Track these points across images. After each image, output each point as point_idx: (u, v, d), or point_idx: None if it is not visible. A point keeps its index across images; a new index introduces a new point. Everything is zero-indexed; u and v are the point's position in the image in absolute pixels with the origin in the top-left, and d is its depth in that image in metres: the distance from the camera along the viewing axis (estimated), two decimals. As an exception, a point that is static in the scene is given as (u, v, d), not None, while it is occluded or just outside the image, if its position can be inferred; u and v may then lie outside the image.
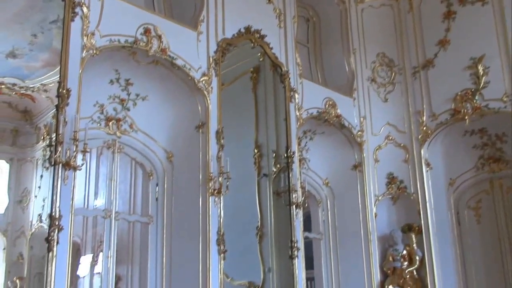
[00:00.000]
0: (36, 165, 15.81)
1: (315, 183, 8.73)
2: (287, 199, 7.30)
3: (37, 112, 15.54)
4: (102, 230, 6.49)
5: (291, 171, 7.37)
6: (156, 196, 6.64)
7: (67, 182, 5.09)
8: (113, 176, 6.31)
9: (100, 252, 11.73)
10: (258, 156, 8.63)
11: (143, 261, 6.88)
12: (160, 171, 6.71)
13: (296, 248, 7.08)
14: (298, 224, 7.26)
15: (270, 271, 7.91)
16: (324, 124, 8.35)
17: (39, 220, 15.10)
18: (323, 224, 8.71)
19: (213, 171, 6.33)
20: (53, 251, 4.86)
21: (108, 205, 6.24)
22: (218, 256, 6.17)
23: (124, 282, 11.11)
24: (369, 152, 8.79)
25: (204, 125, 6.53)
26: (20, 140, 16.35)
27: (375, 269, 8.25)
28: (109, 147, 6.34)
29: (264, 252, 8.10)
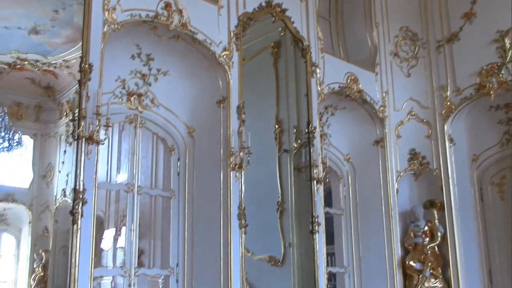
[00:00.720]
0: (59, 141, 16.11)
1: (336, 159, 8.70)
2: (308, 174, 7.29)
3: (60, 88, 15.77)
4: (125, 204, 6.57)
5: (312, 147, 7.33)
6: (177, 171, 6.68)
7: (90, 156, 5.15)
8: (135, 150, 6.35)
9: (122, 226, 11.97)
10: (279, 132, 8.62)
11: (165, 235, 6.96)
12: (182, 146, 6.74)
13: (317, 223, 7.09)
14: (319, 199, 7.25)
15: (291, 246, 7.96)
16: (345, 99, 8.26)
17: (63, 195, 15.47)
18: (344, 200, 8.71)
19: (234, 146, 6.34)
20: (77, 224, 4.95)
21: (131, 180, 6.30)
22: (239, 230, 6.22)
23: (147, 255, 11.33)
24: (391, 127, 8.69)
25: (225, 100, 6.52)
26: (44, 116, 16.66)
27: (396, 245, 8.24)
28: (131, 122, 6.37)
29: (285, 227, 8.15)
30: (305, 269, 7.44)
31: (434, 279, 8.06)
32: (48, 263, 15.20)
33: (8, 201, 15.16)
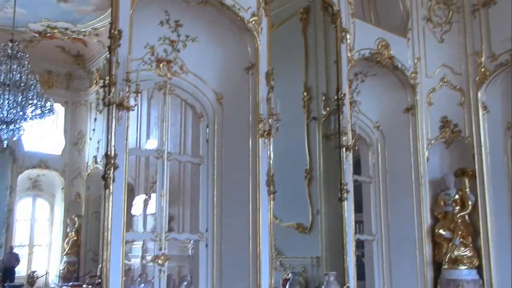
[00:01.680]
0: (90, 108, 16.33)
1: (366, 126, 8.62)
2: (337, 142, 7.23)
3: (89, 56, 15.90)
4: (154, 171, 6.64)
5: (341, 114, 7.26)
6: (206, 138, 6.70)
7: (121, 122, 5.20)
8: (164, 117, 6.39)
9: (152, 193, 12.19)
10: (307, 99, 8.56)
11: (195, 202, 7.03)
12: (210, 112, 6.74)
13: (345, 191, 7.07)
14: (348, 166, 7.21)
15: (319, 214, 7.99)
16: (376, 65, 8.12)
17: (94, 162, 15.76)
18: (373, 168, 8.65)
19: (262, 112, 6.31)
20: (109, 188, 5.03)
21: (160, 146, 6.35)
22: (267, 197, 6.24)
23: (176, 222, 11.53)
24: (423, 94, 8.54)
25: (253, 67, 6.46)
26: (74, 84, 16.86)
27: (425, 213, 8.19)
28: (160, 89, 6.39)
29: (313, 194, 8.17)
30: (333, 236, 7.47)
31: (464, 248, 8.01)
32: (80, 227, 15.63)
33: (42, 167, 15.55)
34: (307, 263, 7.86)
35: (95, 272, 13.10)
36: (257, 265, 6.05)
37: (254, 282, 6.05)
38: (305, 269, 7.82)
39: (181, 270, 11.38)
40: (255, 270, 6.07)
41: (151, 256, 6.25)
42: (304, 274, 7.58)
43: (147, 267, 11.84)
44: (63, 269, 14.64)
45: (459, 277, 7.92)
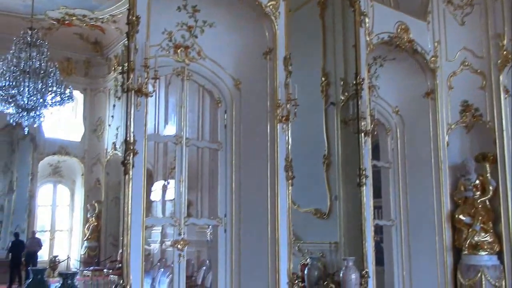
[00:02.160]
0: (109, 95, 16.46)
1: (385, 111, 8.54)
2: (356, 127, 7.18)
3: (107, 43, 15.97)
4: (173, 157, 6.67)
5: (360, 99, 7.19)
6: (224, 123, 6.70)
7: (140, 108, 5.23)
8: (182, 103, 6.40)
9: (171, 179, 12.28)
10: (326, 84, 8.49)
11: (213, 187, 7.06)
12: (228, 98, 6.74)
13: (364, 176, 7.03)
14: (367, 152, 7.17)
15: (337, 199, 7.96)
16: (395, 49, 8.01)
17: (113, 148, 15.92)
18: (392, 153, 8.59)
19: (280, 98, 6.28)
20: (129, 174, 5.08)
21: (179, 132, 6.38)
22: (286, 182, 6.24)
23: (195, 207, 11.61)
24: (443, 78, 8.42)
25: (271, 52, 6.43)
26: (93, 71, 16.98)
27: (445, 199, 8.12)
28: (178, 75, 6.39)
29: (331, 180, 8.14)
30: (352, 221, 7.45)
31: (484, 233, 7.94)
32: (100, 213, 15.84)
33: (62, 154, 15.74)
34: (325, 248, 7.86)
35: (115, 257, 13.29)
36: (275, 250, 6.07)
37: (272, 267, 6.08)
38: (323, 254, 7.82)
39: (200, 255, 11.48)
40: (273, 255, 6.09)
41: (171, 241, 6.29)
42: (322, 259, 7.58)
43: (167, 252, 11.98)
44: (84, 254, 14.88)
45: (479, 263, 7.87)
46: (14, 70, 10.26)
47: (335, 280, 6.57)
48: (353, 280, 6.39)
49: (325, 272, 6.94)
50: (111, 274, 11.67)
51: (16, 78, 10.18)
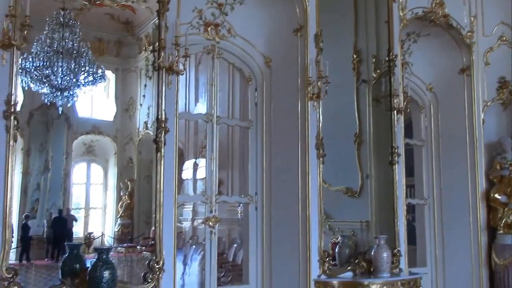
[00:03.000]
0: (140, 75, 16.53)
1: (418, 88, 8.38)
2: (388, 104, 7.08)
3: (138, 23, 15.98)
4: (204, 136, 6.70)
5: (392, 76, 7.07)
6: (255, 101, 6.69)
7: (171, 86, 5.27)
8: (213, 81, 6.40)
9: (202, 157, 12.37)
10: (357, 62, 8.35)
11: (243, 165, 7.08)
12: (259, 76, 6.71)
13: (396, 154, 6.95)
14: (399, 129, 7.07)
15: (368, 178, 7.88)
16: (429, 25, 7.82)
17: (145, 127, 16.02)
18: (425, 131, 8.46)
19: (311, 75, 6.23)
20: (160, 152, 5.14)
21: (209, 110, 6.39)
22: (317, 160, 6.21)
23: (225, 186, 11.71)
24: (479, 54, 8.20)
25: (302, 28, 6.36)
26: (124, 51, 17.04)
27: (480, 177, 7.97)
28: (209, 53, 6.38)
29: (362, 158, 8.05)
30: (383, 200, 7.38)
31: (521, 212, 7.79)
32: (133, 191, 16.06)
33: (95, 133, 15.94)
34: (356, 227, 7.82)
35: (148, 234, 13.48)
36: (306, 228, 6.08)
37: (303, 245, 6.10)
38: (354, 233, 7.78)
39: (231, 233, 11.60)
40: (304, 233, 6.10)
41: (202, 218, 6.37)
42: (353, 237, 7.54)
43: (198, 230, 12.13)
44: (118, 231, 15.12)
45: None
46: (47, 50, 10.37)
47: (366, 258, 6.53)
48: (384, 258, 6.34)
49: (356, 250, 6.91)
50: (144, 251, 11.84)
51: (50, 59, 10.29)
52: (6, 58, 4.37)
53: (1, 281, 4.11)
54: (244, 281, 6.58)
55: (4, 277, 4.11)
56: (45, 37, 10.80)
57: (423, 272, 7.80)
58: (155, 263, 5.04)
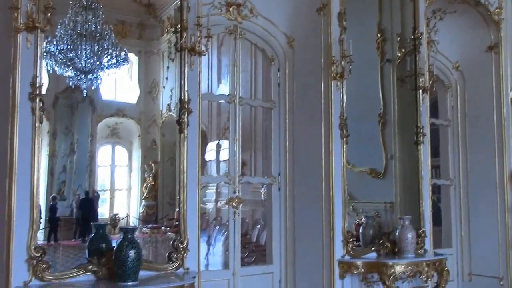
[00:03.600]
0: (162, 57, 16.57)
1: (444, 67, 8.23)
2: (413, 83, 6.97)
3: (160, 5, 15.96)
4: (226, 118, 6.70)
5: (418, 54, 6.95)
6: (278, 82, 6.65)
7: (193, 67, 5.26)
8: (235, 62, 6.37)
9: (225, 139, 12.41)
10: (381, 41, 8.20)
11: (266, 147, 7.07)
12: (281, 56, 6.66)
13: (421, 134, 6.86)
14: (425, 109, 6.97)
15: (393, 158, 7.80)
16: (456, 1, 7.65)
17: (168, 110, 16.12)
18: (451, 110, 8.33)
19: (335, 54, 6.15)
20: (184, 133, 5.17)
21: (232, 91, 6.38)
22: (340, 140, 6.17)
23: (248, 167, 11.72)
24: (508, 31, 7.98)
25: (325, 7, 6.27)
26: (146, 34, 17.07)
27: (507, 158, 7.82)
28: (231, 33, 6.35)
29: (387, 139, 7.95)
30: (408, 181, 7.30)
31: (548, 193, 7.63)
32: (157, 173, 16.23)
33: (119, 116, 16.09)
34: (380, 208, 7.77)
35: (172, 215, 13.64)
36: (330, 209, 6.06)
37: (327, 226, 6.09)
38: (378, 214, 7.74)
39: (255, 214, 11.65)
40: (328, 214, 6.09)
41: (225, 199, 6.40)
42: (377, 218, 7.50)
43: (222, 211, 12.21)
44: (143, 212, 15.33)
45: (542, 223, 7.60)
46: (71, 33, 10.44)
47: (390, 239, 6.49)
48: (409, 239, 6.29)
49: (380, 231, 6.86)
50: (169, 232, 12.01)
51: (74, 42, 10.36)
52: (30, 40, 4.40)
53: (30, 260, 4.19)
54: (268, 262, 6.62)
55: (33, 256, 4.20)
56: (68, 20, 10.86)
57: (449, 253, 7.75)
58: (179, 243, 5.10)
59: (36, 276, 4.20)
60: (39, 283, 4.19)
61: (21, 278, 4.16)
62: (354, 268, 6.03)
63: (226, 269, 6.22)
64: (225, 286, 6.06)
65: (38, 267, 4.20)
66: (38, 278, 4.20)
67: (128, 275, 4.32)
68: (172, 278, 4.73)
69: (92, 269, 4.49)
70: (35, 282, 4.19)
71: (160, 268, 4.91)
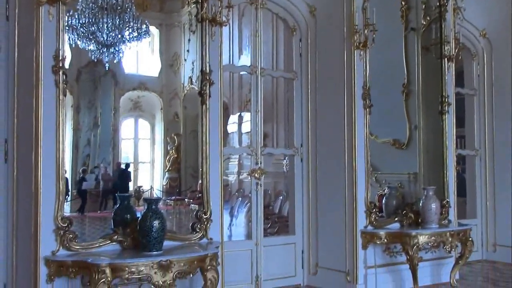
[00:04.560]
0: (183, 30, 16.49)
1: (470, 35, 8.03)
2: (438, 52, 6.83)
3: (180, -24, 15.78)
4: (248, 90, 6.66)
5: (443, 21, 6.79)
6: (299, 52, 6.57)
7: (214, 38, 5.24)
8: (257, 32, 6.30)
9: (246, 112, 12.38)
10: (406, 9, 8.02)
11: (289, 118, 7.03)
12: (303, 26, 6.57)
13: (447, 103, 6.75)
14: (450, 78, 6.84)
15: (417, 129, 7.70)
16: (484, -34, 7.40)
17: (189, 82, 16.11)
18: (477, 79, 8.15)
19: (358, 23, 6.04)
20: (206, 104, 5.17)
21: (253, 62, 6.33)
22: (363, 110, 6.10)
23: (270, 138, 11.70)
24: (538, -4, 7.71)
25: (348, -26, 6.13)
26: (167, 6, 16.99)
27: (535, 127, 7.66)
28: (252, 3, 6.27)
29: (411, 109, 7.84)
30: (432, 151, 7.22)
31: None
32: (180, 146, 16.36)
33: (141, 89, 16.18)
34: (403, 179, 7.71)
35: (195, 187, 13.78)
36: (353, 179, 6.04)
37: (350, 196, 6.08)
38: (401, 185, 7.69)
39: (277, 186, 11.67)
40: (351, 184, 6.07)
41: (248, 171, 6.42)
42: (400, 189, 7.45)
43: (244, 183, 12.27)
44: (166, 184, 15.52)
45: None
46: (92, 7, 10.46)
47: (414, 210, 6.46)
48: (433, 210, 6.24)
49: (404, 202, 6.82)
50: (192, 204, 12.16)
51: (95, 15, 10.37)
52: (52, 13, 4.42)
53: (57, 230, 4.29)
54: (290, 232, 6.66)
55: (60, 226, 4.29)
56: (89, -7, 10.87)
57: (473, 223, 7.69)
58: (202, 213, 5.15)
59: (64, 246, 4.30)
60: (66, 252, 4.30)
61: (49, 247, 4.27)
62: (376, 239, 6.03)
63: (249, 240, 6.28)
64: (248, 256, 6.12)
65: (65, 237, 4.30)
66: (66, 248, 4.30)
67: (153, 244, 4.39)
68: (195, 248, 4.79)
69: (118, 239, 4.58)
70: (63, 252, 4.29)
71: (184, 239, 4.98)
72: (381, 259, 6.21)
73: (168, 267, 4.27)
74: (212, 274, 4.56)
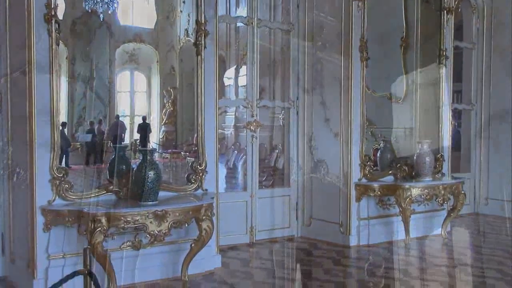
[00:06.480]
0: (179, -20, 16.03)
1: (471, -14, 7.85)
2: (438, 4, 6.70)
3: None
4: (245, 44, 6.57)
5: (444, -28, 6.63)
6: (297, 3, 6.47)
7: (209, -13, 5.09)
8: (253, -18, 6.17)
9: (243, 65, 12.24)
10: (405, -41, 7.82)
11: (285, 71, 6.97)
12: (300, -24, 6.42)
13: (444, 57, 6.69)
14: (448, 31, 6.75)
15: (414, 83, 7.65)
16: None
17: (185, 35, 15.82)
18: (476, 33, 8.04)
19: (357, -27, 5.90)
20: (201, 55, 5.11)
21: (250, 13, 6.22)
22: (360, 63, 6.05)
23: (267, 92, 11.60)
24: None
25: None
26: (162, -45, 16.44)
27: (532, 83, 7.63)
28: (248, -49, 6.11)
29: (408, 63, 7.77)
30: (428, 106, 7.20)
31: None
32: (176, 99, 16.27)
33: (137, 41, 15.93)
34: (399, 133, 7.72)
35: (191, 140, 13.80)
36: (348, 132, 6.05)
37: (345, 149, 6.11)
38: (397, 139, 7.70)
39: (273, 140, 11.68)
40: (346, 138, 6.09)
41: (244, 123, 6.41)
42: (396, 143, 7.48)
43: (240, 137, 12.28)
44: (162, 138, 15.53)
45: None
46: (85, -45, 10.21)
47: (408, 163, 6.51)
48: (427, 163, 6.29)
49: (398, 155, 6.86)
50: (188, 157, 12.20)
51: (88, -37, 10.15)
52: (44, -40, 4.28)
53: (53, 180, 4.31)
54: (285, 185, 6.71)
55: (56, 176, 4.31)
56: None
57: (467, 178, 7.76)
58: (198, 164, 5.17)
59: (60, 195, 4.33)
60: (62, 202, 4.34)
61: (46, 197, 4.30)
62: (370, 191, 6.09)
63: (244, 191, 6.34)
64: (243, 207, 6.20)
65: (61, 187, 4.33)
66: (62, 197, 4.34)
67: (148, 195, 4.42)
68: (191, 198, 4.83)
69: (113, 190, 4.61)
70: (59, 201, 4.33)
71: (179, 189, 5.02)
72: (374, 211, 6.30)
73: (163, 217, 4.32)
74: (207, 224, 4.62)
